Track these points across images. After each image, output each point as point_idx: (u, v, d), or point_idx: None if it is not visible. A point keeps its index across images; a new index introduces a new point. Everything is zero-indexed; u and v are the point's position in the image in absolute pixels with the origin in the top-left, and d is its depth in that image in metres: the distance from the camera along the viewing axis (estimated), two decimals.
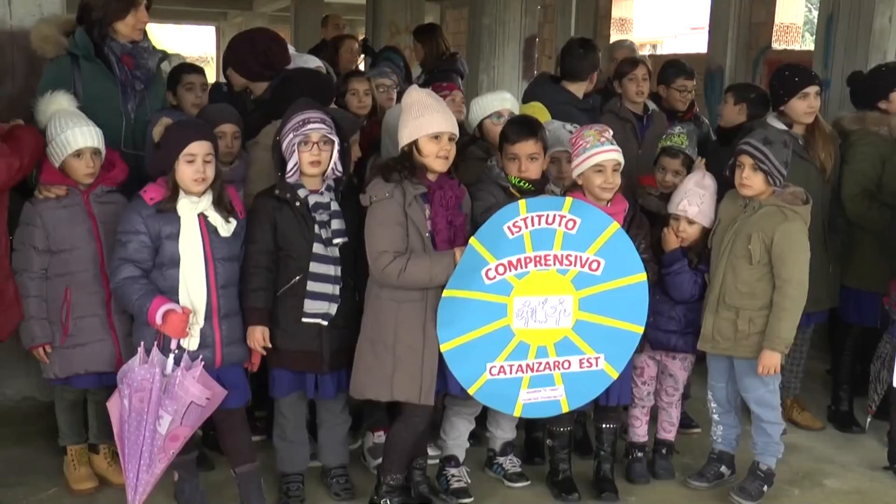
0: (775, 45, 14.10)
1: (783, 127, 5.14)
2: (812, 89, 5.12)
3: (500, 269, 3.92)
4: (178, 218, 3.82)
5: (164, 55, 4.62)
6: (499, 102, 4.93)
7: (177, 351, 3.74)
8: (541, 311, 4.01)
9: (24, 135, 3.94)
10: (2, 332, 4.07)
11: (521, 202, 3.92)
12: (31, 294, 4.02)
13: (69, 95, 4.15)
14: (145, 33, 4.50)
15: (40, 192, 4.04)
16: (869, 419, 5.39)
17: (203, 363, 3.75)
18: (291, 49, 5.69)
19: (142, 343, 3.76)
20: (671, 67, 6.19)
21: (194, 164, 3.77)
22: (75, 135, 3.98)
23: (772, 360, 4.31)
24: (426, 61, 7.76)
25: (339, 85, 5.50)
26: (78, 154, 4.00)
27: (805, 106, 5.13)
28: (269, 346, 4.02)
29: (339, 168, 4.10)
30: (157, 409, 3.68)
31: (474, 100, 5.07)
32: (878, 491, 4.74)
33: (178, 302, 3.79)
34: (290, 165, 3.99)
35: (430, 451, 4.50)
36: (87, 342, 4.07)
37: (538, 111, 5.03)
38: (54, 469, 4.43)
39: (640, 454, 4.74)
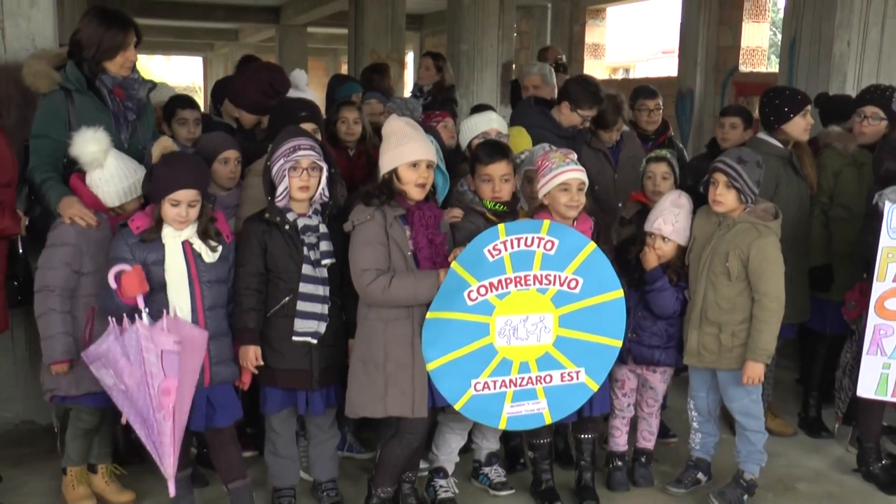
0: (742, 68, 14.21)
1: (778, 144, 5.19)
2: (809, 108, 5.22)
3: (482, 291, 3.94)
4: (163, 245, 3.82)
5: (153, 85, 4.61)
6: (486, 123, 4.97)
7: (145, 310, 3.69)
8: (522, 329, 4.02)
9: None
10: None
11: (501, 226, 3.93)
12: (57, 310, 3.97)
13: (104, 134, 4.09)
14: (133, 64, 4.49)
15: (69, 218, 4.00)
16: (837, 425, 5.42)
17: (171, 314, 3.70)
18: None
19: (111, 318, 3.70)
20: (636, 93, 6.28)
21: (178, 208, 3.78)
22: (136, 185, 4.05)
23: (755, 370, 4.34)
24: (434, 86, 7.81)
25: (332, 114, 5.54)
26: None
27: (805, 123, 5.22)
28: (262, 364, 4.02)
29: (327, 193, 4.11)
30: (131, 363, 3.63)
31: (464, 121, 5.10)
32: (847, 493, 4.76)
33: None
34: (279, 190, 3.99)
35: (421, 465, 4.50)
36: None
37: (520, 135, 5.07)
38: (53, 489, 4.40)
39: (619, 463, 4.74)
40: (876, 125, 5.25)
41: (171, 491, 3.70)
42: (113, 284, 3.68)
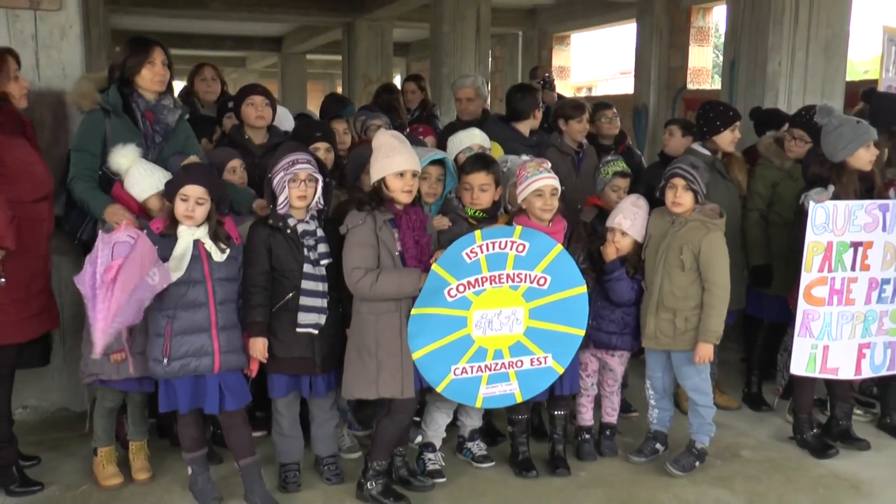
0: (690, 86, 14.28)
1: (707, 153, 5.20)
2: (738, 123, 5.22)
3: (461, 289, 3.95)
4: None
5: (184, 112, 4.57)
6: (469, 139, 4.96)
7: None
8: (496, 321, 4.05)
9: None
10: (28, 334, 4.14)
11: (477, 232, 3.96)
12: None
13: (137, 148, 4.14)
14: (170, 91, 4.47)
15: (115, 222, 3.96)
16: (776, 399, 5.46)
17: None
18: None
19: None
20: (595, 106, 6.30)
21: (187, 203, 3.81)
22: (160, 178, 4.05)
23: (706, 350, 4.38)
24: (421, 105, 7.82)
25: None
26: (161, 193, 4.05)
27: (732, 137, 5.23)
28: (265, 355, 4.03)
29: (322, 201, 4.12)
30: (90, 264, 3.66)
31: (450, 137, 5.09)
32: (785, 459, 4.78)
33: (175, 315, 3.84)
34: (280, 199, 4.01)
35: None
36: (140, 351, 4.01)
37: (495, 149, 5.08)
38: (86, 469, 4.39)
39: (587, 436, 4.76)
40: (802, 146, 5.29)
41: (98, 350, 3.67)
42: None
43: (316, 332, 4.09)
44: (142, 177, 4.06)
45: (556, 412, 4.56)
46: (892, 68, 7.18)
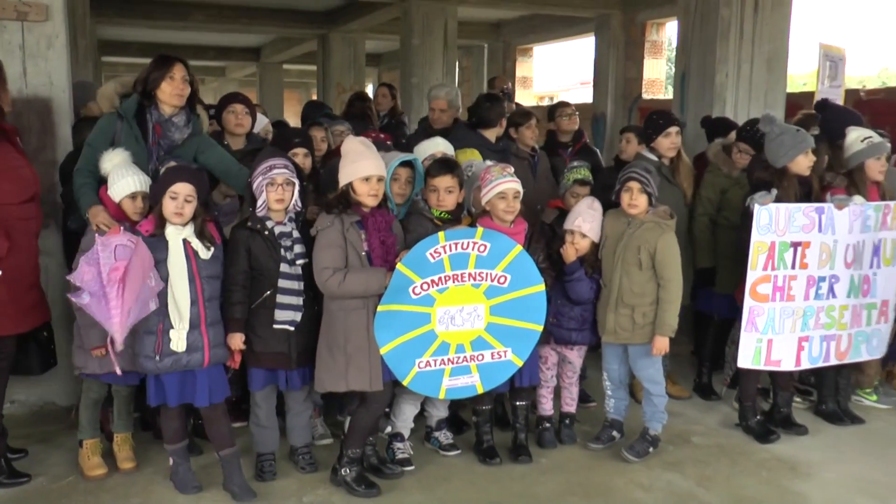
0: (645, 96, 14.39)
1: (655, 159, 5.25)
2: (673, 129, 5.24)
3: (425, 286, 3.96)
4: (167, 244, 3.81)
5: (193, 132, 4.47)
6: (433, 147, 4.95)
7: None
8: (458, 317, 4.05)
9: None
10: (19, 326, 4.12)
11: (441, 233, 3.97)
12: None
13: (125, 152, 4.12)
14: (191, 107, 4.42)
15: (97, 227, 3.96)
16: (724, 389, 5.51)
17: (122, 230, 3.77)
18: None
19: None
20: (554, 106, 6.42)
21: (176, 200, 3.78)
22: (132, 182, 4.00)
23: (663, 343, 4.43)
24: (389, 112, 7.81)
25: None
26: (133, 196, 4.00)
27: (668, 142, 5.24)
28: (244, 348, 4.02)
29: (299, 204, 4.12)
30: (89, 265, 3.67)
31: (416, 146, 5.09)
32: (732, 444, 4.83)
33: (167, 312, 3.80)
34: (259, 202, 4.01)
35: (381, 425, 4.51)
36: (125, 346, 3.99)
37: (473, 154, 5.09)
38: (72, 461, 4.34)
39: (548, 425, 4.77)
40: (747, 158, 5.33)
41: (119, 343, 3.71)
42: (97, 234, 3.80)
43: (292, 328, 4.08)
44: (118, 178, 4.01)
45: (517, 403, 4.58)
46: (826, 81, 7.30)
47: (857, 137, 5.03)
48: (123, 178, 4.00)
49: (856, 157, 4.99)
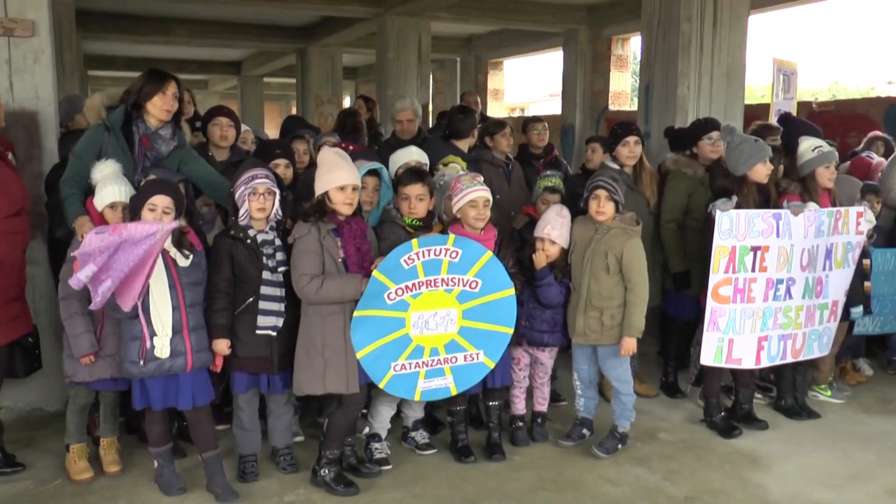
0: (611, 107, 14.47)
1: (617, 167, 5.27)
2: (630, 139, 5.26)
3: (399, 292, 3.94)
4: None
5: (179, 144, 4.43)
6: (407, 156, 4.95)
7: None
8: (432, 322, 4.04)
9: None
10: (6, 337, 4.07)
11: (414, 241, 3.96)
12: (79, 313, 3.90)
13: (117, 164, 4.07)
14: (177, 122, 4.39)
15: (82, 237, 3.89)
16: (689, 387, 5.54)
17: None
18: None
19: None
20: (527, 120, 6.42)
21: (154, 212, 3.74)
22: (113, 192, 3.94)
23: (630, 343, 4.43)
24: (368, 124, 7.77)
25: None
26: (112, 206, 3.95)
27: (626, 151, 5.27)
28: (229, 353, 3.99)
29: (280, 213, 4.09)
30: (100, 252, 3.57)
31: (391, 156, 5.09)
32: (697, 439, 4.86)
33: (151, 320, 3.74)
34: (241, 211, 3.98)
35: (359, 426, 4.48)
36: (112, 353, 3.97)
37: (454, 160, 5.08)
38: (58, 465, 4.29)
39: (520, 424, 4.77)
40: (720, 147, 5.29)
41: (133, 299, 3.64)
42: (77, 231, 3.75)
43: (274, 333, 4.05)
44: (102, 188, 3.97)
45: (490, 403, 4.57)
46: (780, 94, 7.39)
47: (808, 147, 5.08)
48: (105, 188, 3.95)
49: (807, 166, 5.05)
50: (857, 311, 5.38)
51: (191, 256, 3.86)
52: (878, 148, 7.19)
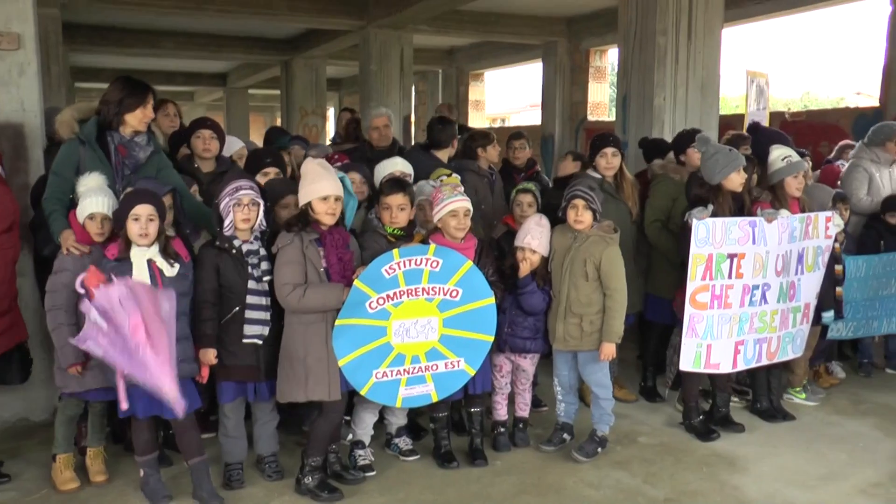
0: (590, 118, 14.54)
1: (598, 177, 5.28)
2: (608, 150, 5.26)
3: (381, 301, 3.93)
4: (132, 266, 3.72)
5: (155, 150, 4.40)
6: (392, 166, 4.96)
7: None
8: (413, 330, 4.03)
9: None
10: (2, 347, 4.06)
11: (395, 251, 3.95)
12: (65, 324, 3.85)
13: (102, 176, 4.03)
14: (150, 129, 4.36)
15: (67, 250, 3.89)
16: (667, 391, 5.55)
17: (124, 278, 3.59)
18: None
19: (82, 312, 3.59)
20: (509, 136, 6.36)
21: (139, 222, 3.71)
22: (92, 203, 3.90)
23: (610, 349, 4.44)
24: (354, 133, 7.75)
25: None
26: (91, 217, 3.91)
27: (604, 162, 5.27)
28: (216, 363, 3.96)
29: (264, 223, 4.07)
30: (113, 328, 3.49)
31: (377, 166, 5.08)
32: (675, 442, 4.86)
33: None
34: (226, 222, 3.96)
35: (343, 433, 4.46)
36: (100, 363, 3.87)
37: (442, 172, 5.08)
38: (44, 475, 4.23)
39: (502, 429, 4.75)
40: None
41: (179, 412, 3.60)
42: (80, 290, 3.58)
43: (260, 342, 4.03)
44: (82, 200, 3.94)
45: (472, 409, 4.56)
46: (754, 105, 7.45)
47: (778, 156, 5.11)
48: (86, 200, 3.92)
49: (777, 175, 5.08)
50: (829, 315, 5.42)
51: (177, 266, 3.83)
52: (848, 156, 7.26)
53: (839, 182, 6.39)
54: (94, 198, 3.92)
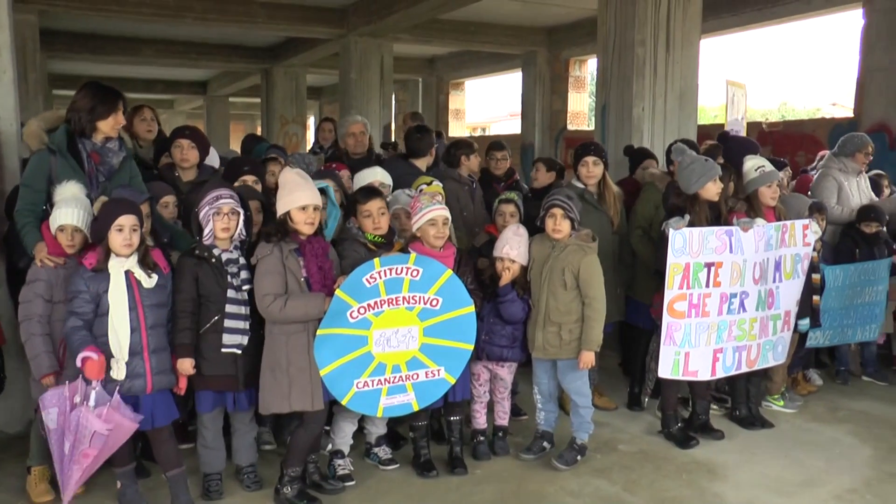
0: (570, 127, 14.61)
1: (581, 186, 5.31)
2: (589, 159, 5.30)
3: (361, 311, 3.91)
4: (109, 276, 3.68)
5: (127, 155, 4.36)
6: (371, 175, 4.98)
7: (97, 388, 3.58)
8: (394, 339, 4.02)
9: None
10: None
11: (376, 260, 3.94)
12: (38, 334, 3.80)
13: (78, 185, 3.98)
14: (119, 135, 4.32)
15: (41, 262, 3.85)
16: (647, 399, 5.57)
17: (110, 403, 3.58)
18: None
19: (66, 385, 3.61)
20: (490, 146, 6.39)
21: (123, 232, 3.67)
22: (62, 214, 3.86)
23: (589, 357, 4.44)
24: (335, 144, 7.74)
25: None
26: (62, 229, 3.86)
27: (585, 171, 5.31)
28: (194, 373, 3.92)
29: (244, 232, 4.05)
30: (71, 431, 3.54)
31: (356, 174, 5.08)
32: (655, 450, 4.88)
33: (108, 342, 3.65)
34: (206, 231, 3.94)
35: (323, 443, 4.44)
36: (76, 375, 3.80)
37: (423, 180, 5.09)
38: (19, 488, 4.18)
39: (482, 438, 4.75)
40: None
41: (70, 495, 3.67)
42: (79, 364, 3.55)
43: (239, 351, 4.00)
44: (55, 210, 3.90)
45: (452, 418, 4.56)
46: (733, 114, 7.52)
47: (752, 167, 5.17)
48: (57, 211, 3.88)
49: (751, 185, 5.13)
50: (804, 323, 5.46)
51: (155, 277, 3.80)
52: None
53: (809, 191, 6.48)
54: (64, 209, 3.87)
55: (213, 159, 5.47)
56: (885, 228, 6.17)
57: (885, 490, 4.35)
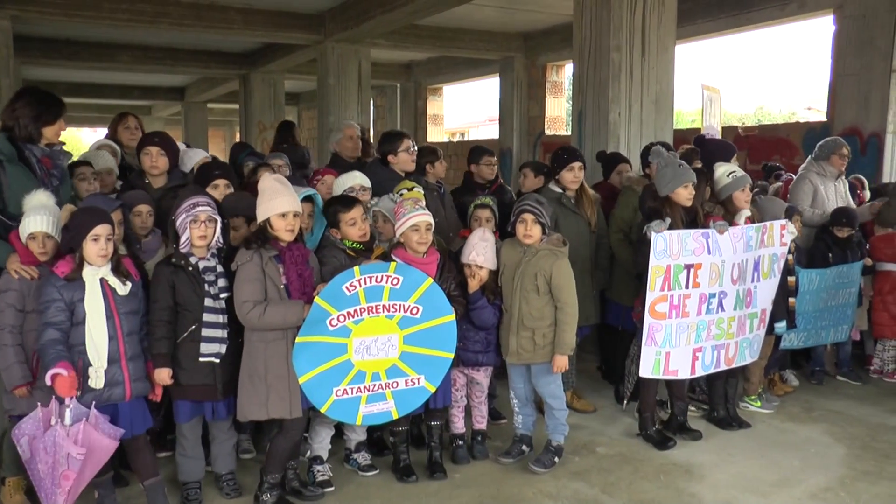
0: (547, 132, 14.66)
1: (559, 191, 5.33)
2: (576, 164, 5.35)
3: (341, 318, 3.89)
4: (84, 284, 3.65)
5: (71, 155, 4.40)
6: (351, 180, 4.98)
7: (71, 405, 3.54)
8: (374, 347, 4.00)
9: None
10: None
11: (356, 268, 3.92)
12: (9, 344, 3.75)
13: (46, 192, 3.92)
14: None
15: (14, 273, 3.79)
16: (626, 402, 5.59)
17: (87, 419, 3.55)
18: (182, 145, 5.59)
19: (39, 408, 3.58)
20: (477, 151, 6.35)
21: (98, 242, 3.64)
22: (31, 222, 3.82)
23: (562, 361, 4.46)
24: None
25: (250, 175, 5.43)
26: (32, 237, 3.82)
27: (572, 176, 5.35)
28: (171, 383, 3.90)
29: (221, 240, 4.03)
30: (49, 453, 3.50)
31: (335, 180, 5.09)
32: (633, 452, 4.90)
33: (85, 350, 3.61)
34: (183, 239, 3.91)
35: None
36: (49, 385, 3.79)
37: (406, 185, 5.09)
38: None
39: (460, 442, 4.75)
40: None
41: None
42: (49, 382, 3.51)
43: (217, 360, 3.97)
44: (24, 218, 3.85)
45: (431, 423, 4.56)
46: (709, 118, 7.59)
47: (723, 172, 5.21)
48: (27, 219, 3.84)
49: (725, 190, 5.17)
50: (781, 325, 5.53)
51: (129, 284, 3.77)
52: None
53: (788, 195, 6.56)
54: (34, 216, 3.82)
55: (193, 159, 5.44)
56: (856, 231, 6.26)
57: (859, 488, 4.40)
